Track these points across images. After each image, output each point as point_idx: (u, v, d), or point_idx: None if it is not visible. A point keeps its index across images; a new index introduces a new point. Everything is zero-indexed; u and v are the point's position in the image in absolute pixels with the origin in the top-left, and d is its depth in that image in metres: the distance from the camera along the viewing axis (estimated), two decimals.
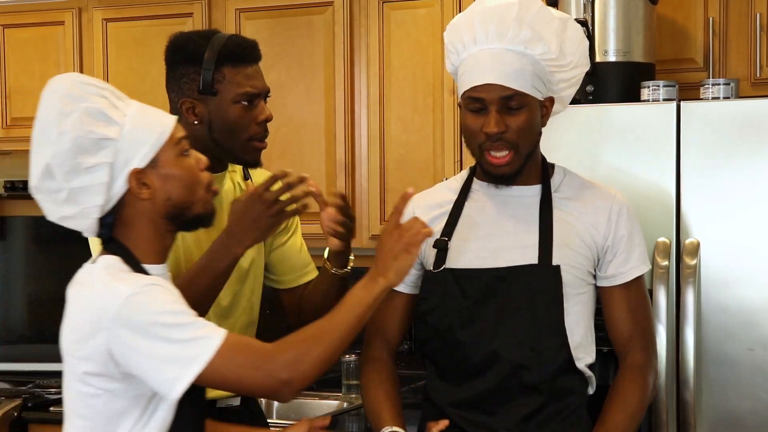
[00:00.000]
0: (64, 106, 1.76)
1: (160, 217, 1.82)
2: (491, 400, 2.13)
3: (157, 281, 1.76)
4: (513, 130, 2.11)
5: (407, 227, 1.91)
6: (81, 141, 1.75)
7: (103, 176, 1.76)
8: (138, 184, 1.79)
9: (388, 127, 3.56)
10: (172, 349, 1.71)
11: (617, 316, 2.21)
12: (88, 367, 1.75)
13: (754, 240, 2.76)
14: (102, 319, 1.72)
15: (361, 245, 3.63)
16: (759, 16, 3.13)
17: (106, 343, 1.72)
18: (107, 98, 1.79)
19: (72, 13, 3.98)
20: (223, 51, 2.23)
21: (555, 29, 2.12)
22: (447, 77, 3.46)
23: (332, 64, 3.60)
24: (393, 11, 3.55)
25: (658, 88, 2.92)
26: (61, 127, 1.75)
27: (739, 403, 2.76)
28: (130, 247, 1.81)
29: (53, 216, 1.83)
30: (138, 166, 1.78)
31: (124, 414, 1.77)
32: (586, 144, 2.84)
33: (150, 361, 1.71)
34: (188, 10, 3.80)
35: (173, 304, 1.74)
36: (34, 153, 1.80)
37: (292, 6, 3.67)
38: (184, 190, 1.82)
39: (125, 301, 1.71)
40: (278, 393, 1.78)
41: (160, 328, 1.71)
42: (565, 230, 2.16)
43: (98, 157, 1.76)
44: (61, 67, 4.00)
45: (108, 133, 1.76)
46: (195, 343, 1.72)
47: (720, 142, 2.79)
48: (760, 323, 2.74)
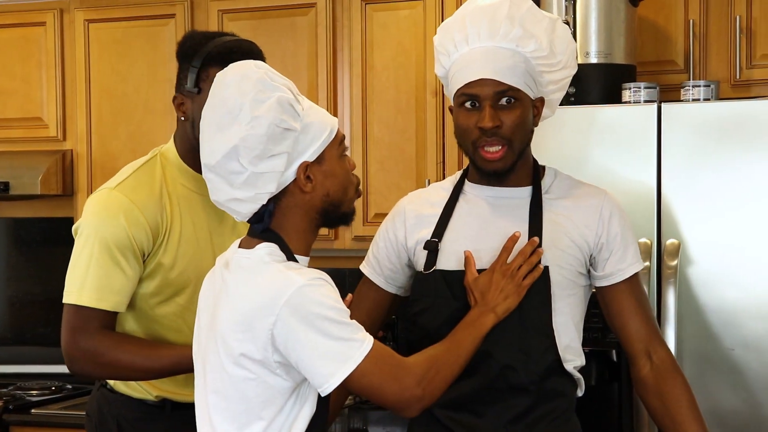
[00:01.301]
0: (260, 93, 1.81)
1: (315, 210, 1.89)
2: (479, 401, 2.13)
3: (324, 277, 1.83)
4: (507, 126, 2.11)
5: (516, 266, 2.07)
6: (273, 129, 1.81)
7: (281, 165, 1.83)
8: (304, 176, 1.86)
9: (371, 128, 3.56)
10: (331, 345, 1.78)
11: (627, 315, 2.20)
12: (247, 349, 1.81)
13: (734, 241, 2.78)
14: (273, 305, 1.78)
15: (344, 246, 3.64)
16: (739, 18, 3.15)
17: (272, 328, 1.78)
18: (291, 90, 1.86)
19: (53, 14, 3.96)
20: (212, 51, 2.26)
21: (545, 27, 2.13)
22: (429, 79, 3.47)
23: (315, 65, 3.60)
24: (376, 13, 3.55)
25: (639, 90, 2.94)
26: (256, 113, 1.80)
27: (720, 402, 2.78)
28: (283, 237, 1.88)
29: (222, 197, 1.87)
30: (308, 160, 1.85)
31: (268, 404, 1.83)
32: (568, 145, 2.85)
33: (310, 353, 1.78)
34: (170, 11, 3.79)
35: (337, 303, 1.82)
36: (216, 133, 1.84)
37: (275, 7, 3.67)
38: (340, 187, 1.90)
39: (297, 290, 1.78)
40: (409, 407, 1.87)
41: (325, 323, 1.78)
42: (554, 231, 2.16)
43: (282, 146, 1.82)
44: (42, 68, 3.99)
45: (294, 124, 1.83)
46: (351, 344, 1.80)
47: (701, 143, 2.80)
48: (741, 323, 2.76)
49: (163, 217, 2.28)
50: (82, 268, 2.23)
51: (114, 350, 2.23)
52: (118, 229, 2.23)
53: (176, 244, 2.29)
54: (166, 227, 2.28)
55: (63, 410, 3.66)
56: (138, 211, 2.25)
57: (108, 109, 3.88)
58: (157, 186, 2.31)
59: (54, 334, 4.06)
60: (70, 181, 3.95)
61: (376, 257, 2.30)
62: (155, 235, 2.27)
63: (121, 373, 2.29)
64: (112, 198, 2.26)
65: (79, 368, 2.27)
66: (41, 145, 3.99)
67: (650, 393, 2.20)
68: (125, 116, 3.86)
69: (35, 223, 4.22)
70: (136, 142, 3.82)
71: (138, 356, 2.24)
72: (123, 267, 2.23)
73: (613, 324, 2.23)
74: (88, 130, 3.90)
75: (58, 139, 3.98)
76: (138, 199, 2.26)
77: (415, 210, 2.25)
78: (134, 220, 2.24)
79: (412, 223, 2.24)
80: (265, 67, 1.87)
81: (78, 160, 3.92)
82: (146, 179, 2.31)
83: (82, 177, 3.91)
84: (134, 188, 2.27)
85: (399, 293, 2.30)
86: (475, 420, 2.13)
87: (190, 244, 2.31)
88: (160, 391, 2.36)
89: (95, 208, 2.27)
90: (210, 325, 1.90)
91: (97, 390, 2.45)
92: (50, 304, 3.91)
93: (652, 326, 2.22)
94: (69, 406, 3.70)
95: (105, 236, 2.22)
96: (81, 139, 3.91)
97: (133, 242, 2.24)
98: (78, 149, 3.92)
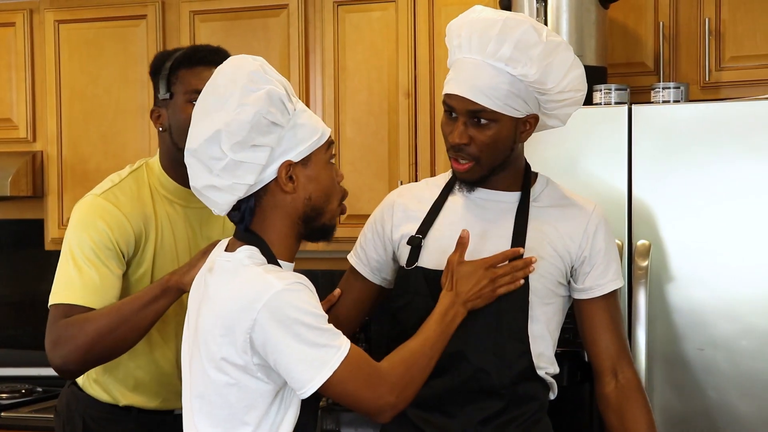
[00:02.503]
0: (251, 83, 1.82)
1: (297, 214, 1.88)
2: (451, 402, 2.13)
3: (304, 281, 1.82)
4: (476, 144, 2.11)
5: (502, 273, 2.06)
6: (259, 119, 1.81)
7: (262, 157, 1.82)
8: (286, 175, 1.85)
9: (344, 130, 3.57)
10: (308, 351, 1.78)
11: (599, 331, 2.21)
12: (227, 352, 1.81)
13: (703, 241, 2.80)
14: (251, 308, 1.77)
15: (316, 248, 3.63)
16: (708, 21, 3.18)
17: (250, 331, 1.78)
18: (285, 88, 1.86)
19: (23, 14, 3.93)
20: (179, 56, 2.29)
21: (537, 54, 2.08)
22: (402, 80, 3.48)
23: (287, 66, 3.60)
24: (348, 14, 3.55)
25: (609, 92, 2.96)
26: (244, 100, 1.81)
27: (689, 402, 2.80)
28: (266, 240, 1.87)
29: (200, 183, 1.87)
30: (292, 159, 1.84)
31: (251, 409, 1.83)
32: (538, 146, 2.86)
33: (287, 358, 1.78)
34: (142, 12, 3.78)
35: (315, 308, 1.81)
36: (203, 118, 1.85)
37: (247, 8, 3.66)
38: (322, 194, 1.90)
39: (276, 294, 1.77)
40: (383, 414, 1.87)
41: (302, 328, 1.77)
42: (538, 239, 2.15)
43: (266, 139, 1.82)
44: (12, 69, 3.96)
45: (281, 120, 1.83)
46: (328, 350, 1.79)
47: (671, 145, 2.82)
48: (710, 323, 2.78)
49: (144, 225, 2.30)
50: (67, 270, 2.24)
51: (87, 322, 2.16)
52: (101, 233, 2.25)
53: (151, 255, 2.31)
54: (146, 237, 2.30)
55: (33, 413, 3.63)
56: (122, 216, 2.27)
57: (79, 110, 3.86)
58: (141, 195, 2.33)
59: (24, 337, 4.05)
60: (41, 182, 3.92)
61: (363, 248, 2.29)
62: (137, 241, 2.29)
63: (107, 341, 2.16)
64: (94, 204, 2.29)
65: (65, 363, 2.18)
66: (11, 146, 3.96)
67: (611, 410, 2.21)
68: (96, 117, 3.83)
69: (5, 224, 4.19)
70: (107, 144, 3.80)
71: (109, 309, 2.17)
72: (109, 267, 2.24)
73: (585, 337, 2.23)
74: (59, 132, 3.87)
75: (28, 140, 3.95)
76: (122, 205, 2.28)
77: (404, 204, 2.25)
78: (117, 224, 2.26)
79: (400, 217, 2.24)
80: (262, 62, 1.88)
81: (48, 162, 3.89)
82: (130, 188, 2.33)
83: (53, 179, 3.88)
84: (118, 196, 2.30)
85: (384, 285, 2.29)
86: (446, 420, 2.13)
87: (167, 255, 2.32)
88: (130, 402, 2.35)
89: (79, 214, 2.29)
90: (194, 329, 1.89)
91: (67, 388, 2.46)
92: (20, 306, 3.88)
93: (623, 345, 2.22)
94: (39, 409, 3.67)
95: (88, 240, 2.24)
96: (51, 141, 3.88)
97: (116, 245, 2.25)
98: (48, 151, 3.89)
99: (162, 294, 2.17)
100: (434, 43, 3.45)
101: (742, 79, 3.18)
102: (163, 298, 2.17)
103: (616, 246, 2.24)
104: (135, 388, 2.35)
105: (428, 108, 3.45)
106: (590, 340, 2.22)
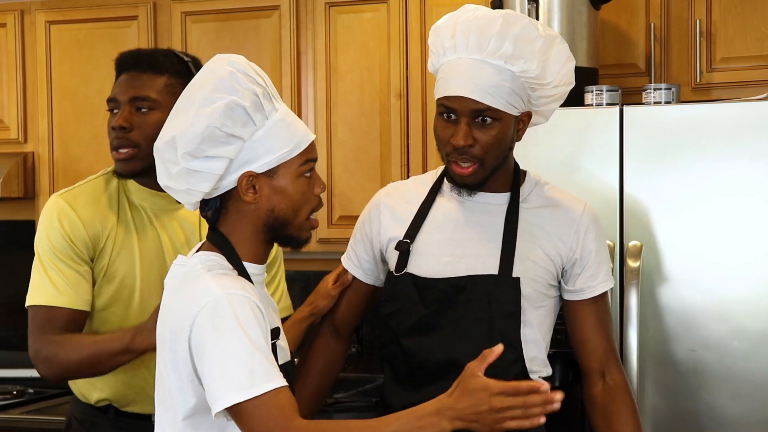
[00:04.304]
0: (214, 91, 1.76)
1: (260, 222, 1.82)
2: None
3: (249, 295, 1.74)
4: (481, 145, 2.08)
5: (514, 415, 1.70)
6: (213, 131, 1.74)
7: (219, 168, 1.77)
8: (247, 186, 1.79)
9: (335, 131, 3.56)
10: (232, 369, 1.68)
11: (588, 332, 2.20)
12: (176, 361, 1.75)
13: (695, 242, 2.80)
14: (190, 314, 1.72)
15: (309, 249, 3.62)
16: (699, 22, 3.18)
17: (189, 338, 1.72)
18: (257, 96, 1.78)
19: (14, 15, 3.92)
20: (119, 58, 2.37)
21: (538, 48, 2.07)
22: (394, 81, 3.48)
23: (279, 67, 3.59)
24: (339, 15, 3.55)
25: (601, 93, 2.96)
26: (200, 111, 1.75)
27: (681, 403, 2.80)
28: (232, 241, 1.82)
29: (162, 182, 1.83)
30: (255, 171, 1.78)
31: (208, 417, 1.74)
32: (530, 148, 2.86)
33: (211, 366, 1.69)
34: (133, 12, 3.77)
35: (255, 328, 1.71)
36: (171, 118, 1.81)
37: (239, 9, 3.66)
38: (288, 208, 1.82)
39: (214, 301, 1.71)
40: None
41: (234, 342, 1.69)
42: (528, 242, 2.14)
43: (222, 150, 1.76)
44: (3, 69, 3.95)
45: (241, 132, 1.76)
46: (252, 375, 1.68)
47: (662, 146, 2.83)
48: (702, 324, 2.79)
49: (101, 228, 2.29)
50: (37, 270, 2.27)
51: (63, 349, 2.21)
52: (57, 232, 2.27)
53: (107, 259, 2.29)
54: (105, 240, 2.30)
55: (25, 415, 3.62)
56: (76, 217, 2.27)
57: (70, 111, 3.85)
58: (105, 198, 2.33)
59: (15, 338, 4.04)
60: (32, 183, 3.91)
61: (354, 250, 2.29)
62: (95, 243, 2.29)
63: (77, 370, 2.24)
64: (53, 203, 2.31)
65: (44, 372, 2.26)
66: (2, 147, 3.95)
67: (597, 411, 2.21)
68: (87, 118, 3.82)
69: None
70: (98, 145, 3.79)
71: (84, 347, 2.20)
72: (71, 267, 2.25)
73: (574, 338, 2.23)
74: (50, 133, 3.86)
75: (19, 141, 3.94)
76: (78, 207, 2.29)
77: (391, 204, 2.23)
78: (70, 224, 2.27)
79: (387, 218, 2.22)
80: (239, 65, 1.80)
81: (39, 163, 3.88)
82: (93, 190, 2.34)
83: (44, 180, 3.87)
84: (77, 196, 2.31)
85: (378, 284, 2.28)
86: None
87: (127, 259, 2.30)
88: (101, 394, 2.35)
89: (43, 213, 2.33)
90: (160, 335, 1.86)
91: None
92: (11, 307, 3.87)
93: (611, 346, 2.22)
94: (31, 411, 3.66)
95: (47, 240, 2.27)
96: (42, 142, 3.87)
97: (73, 245, 2.26)
98: (39, 152, 3.88)
99: (126, 351, 2.17)
100: (426, 44, 3.44)
101: (732, 80, 3.18)
102: (128, 354, 2.18)
103: (606, 246, 2.24)
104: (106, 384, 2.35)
105: (420, 109, 3.45)
106: (579, 341, 2.22)
